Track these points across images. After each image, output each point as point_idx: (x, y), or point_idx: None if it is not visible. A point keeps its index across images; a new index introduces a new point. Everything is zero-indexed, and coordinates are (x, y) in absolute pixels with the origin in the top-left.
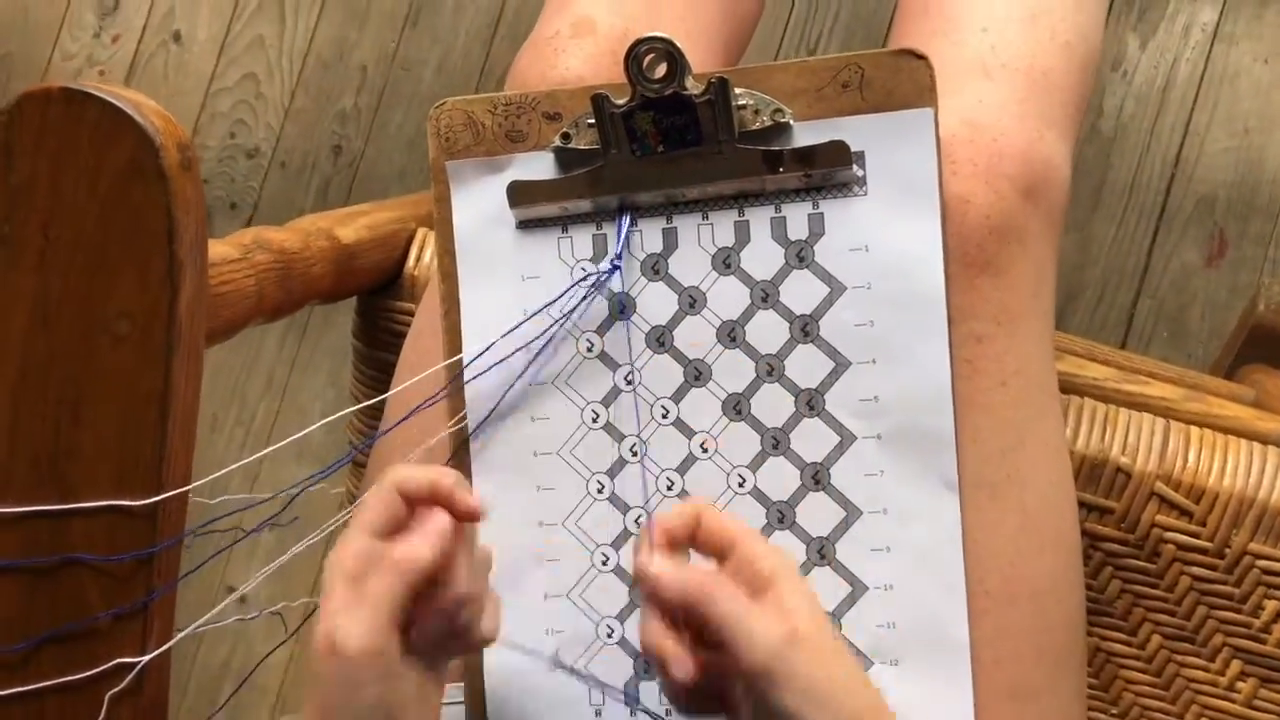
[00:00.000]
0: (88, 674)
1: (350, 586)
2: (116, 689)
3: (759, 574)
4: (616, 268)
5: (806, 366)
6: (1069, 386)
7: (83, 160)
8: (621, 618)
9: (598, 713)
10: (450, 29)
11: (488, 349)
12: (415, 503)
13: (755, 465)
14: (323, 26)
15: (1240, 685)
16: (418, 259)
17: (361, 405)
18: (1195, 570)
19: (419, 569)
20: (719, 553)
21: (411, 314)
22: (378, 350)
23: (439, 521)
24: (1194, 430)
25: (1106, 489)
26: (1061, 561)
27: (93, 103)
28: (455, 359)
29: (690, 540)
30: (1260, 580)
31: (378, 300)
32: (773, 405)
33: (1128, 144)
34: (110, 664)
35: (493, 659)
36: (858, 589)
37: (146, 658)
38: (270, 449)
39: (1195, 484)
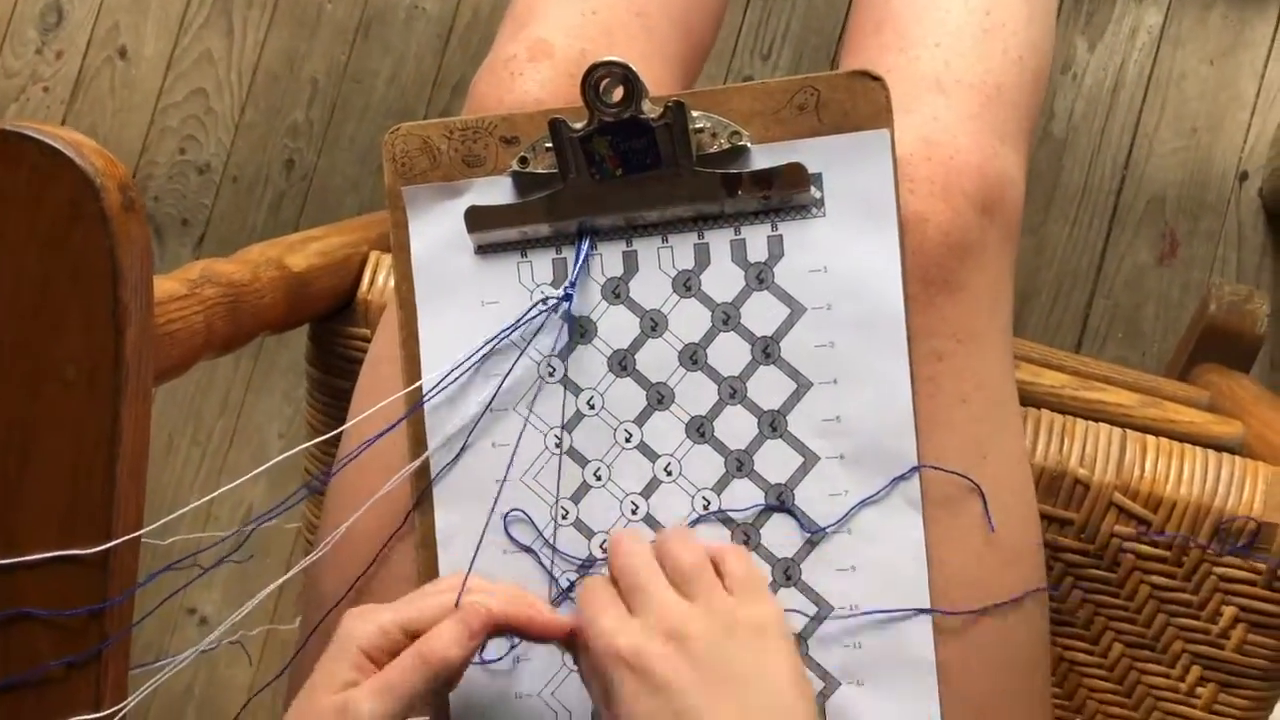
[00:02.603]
0: None
1: (362, 663)
2: None
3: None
4: (569, 296)
5: (768, 388)
6: (1026, 395)
7: (22, 203)
8: None
9: None
10: (402, 40)
11: (445, 385)
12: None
13: (719, 487)
14: (272, 39)
15: (1200, 690)
16: (371, 283)
17: (318, 440)
18: (1154, 579)
19: (449, 669)
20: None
21: (366, 339)
22: (332, 377)
23: (476, 620)
24: (1150, 440)
25: (1066, 500)
26: (1025, 575)
27: (30, 144)
28: (414, 387)
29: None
30: (1217, 587)
31: (331, 326)
32: (736, 427)
33: (1079, 146)
34: None
35: (460, 688)
36: (823, 609)
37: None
38: (224, 489)
39: (1153, 493)
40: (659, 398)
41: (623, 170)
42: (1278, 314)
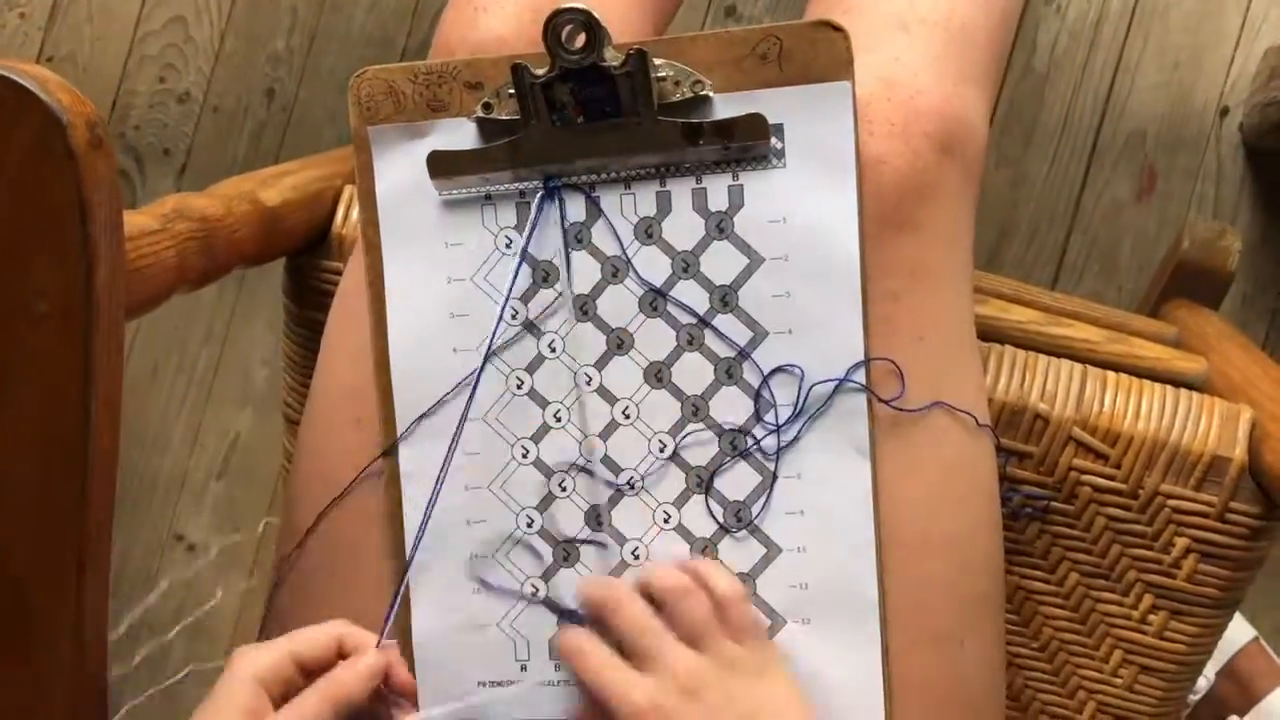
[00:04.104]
0: None
1: (259, 694)
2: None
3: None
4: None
5: (725, 336)
6: (993, 331)
7: None
8: (546, 577)
9: (523, 667)
10: None
11: (411, 328)
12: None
13: (675, 431)
14: None
15: (1152, 618)
16: (345, 218)
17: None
18: (1110, 510)
19: (353, 706)
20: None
21: (341, 273)
22: (308, 310)
23: (374, 664)
24: (1110, 375)
25: (1025, 434)
26: (979, 510)
27: None
28: (381, 320)
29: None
30: (1171, 519)
31: (307, 260)
32: (693, 373)
33: (1061, 80)
34: None
35: (421, 622)
36: (772, 550)
37: None
38: None
39: (1111, 428)
40: (619, 343)
41: (584, 118)
42: (1252, 250)
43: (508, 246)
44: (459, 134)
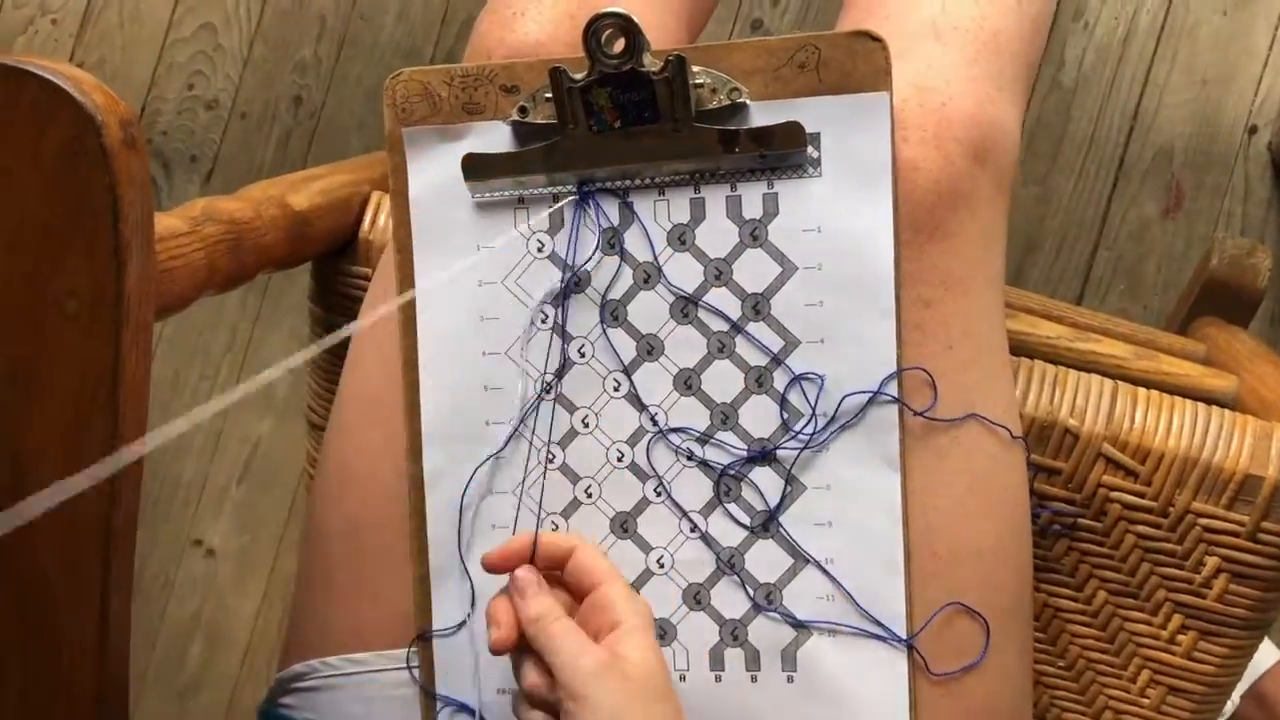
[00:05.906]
0: None
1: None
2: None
3: (609, 618)
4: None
5: (757, 344)
6: (1022, 346)
7: (24, 138)
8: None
9: None
10: None
11: (440, 326)
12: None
13: (703, 440)
14: None
15: (1181, 638)
16: (373, 223)
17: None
18: (1140, 529)
19: None
20: (582, 589)
21: (367, 278)
22: (335, 315)
23: None
24: (1141, 392)
25: (1055, 450)
26: (1009, 522)
27: (30, 80)
28: (409, 322)
29: (559, 566)
30: (1201, 538)
31: (334, 265)
32: (723, 381)
33: (1088, 96)
34: None
35: (442, 624)
36: (799, 562)
37: None
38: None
39: (1141, 445)
40: (649, 349)
41: (621, 123)
42: None
43: (540, 250)
44: (494, 137)
